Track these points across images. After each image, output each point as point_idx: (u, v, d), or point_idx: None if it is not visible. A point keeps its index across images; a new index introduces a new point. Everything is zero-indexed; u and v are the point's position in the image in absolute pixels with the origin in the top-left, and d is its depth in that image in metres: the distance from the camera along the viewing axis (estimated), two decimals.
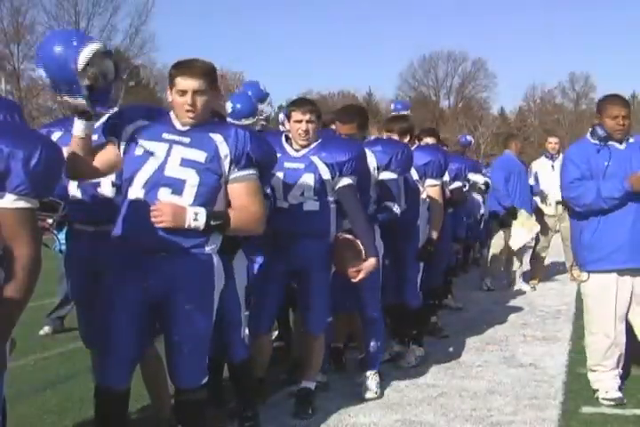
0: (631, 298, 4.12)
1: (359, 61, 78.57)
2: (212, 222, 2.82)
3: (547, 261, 9.16)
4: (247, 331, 3.83)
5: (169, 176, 2.85)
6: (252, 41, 73.29)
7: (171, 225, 2.77)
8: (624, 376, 4.31)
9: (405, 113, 8.33)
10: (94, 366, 3.10)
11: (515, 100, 70.93)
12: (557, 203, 8.31)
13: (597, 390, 4.18)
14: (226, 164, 2.88)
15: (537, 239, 8.53)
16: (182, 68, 2.89)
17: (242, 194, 2.92)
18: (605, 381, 4.17)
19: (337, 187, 3.86)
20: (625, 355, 4.20)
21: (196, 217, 2.79)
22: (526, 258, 8.71)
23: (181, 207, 2.80)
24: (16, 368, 4.73)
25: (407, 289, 5.02)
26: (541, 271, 9.00)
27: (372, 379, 4.32)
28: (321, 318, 3.97)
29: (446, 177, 5.88)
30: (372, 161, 4.28)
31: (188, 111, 2.88)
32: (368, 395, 4.26)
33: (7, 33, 35.89)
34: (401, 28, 76.79)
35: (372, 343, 4.41)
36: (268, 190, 3.71)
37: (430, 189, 5.21)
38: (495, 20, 77.02)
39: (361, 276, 3.83)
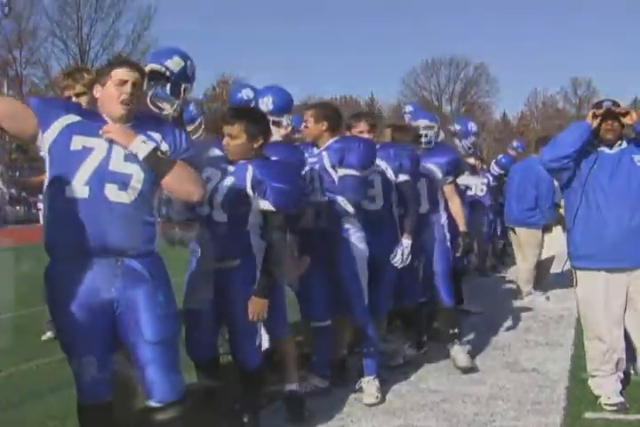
0: (626, 303, 4.12)
1: (361, 66, 78.72)
2: (160, 154, 2.78)
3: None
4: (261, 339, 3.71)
5: (114, 171, 2.75)
6: (254, 46, 73.43)
7: (114, 137, 2.75)
8: (626, 381, 4.30)
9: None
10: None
11: (517, 106, 71.18)
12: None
13: (600, 396, 4.18)
14: None
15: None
16: (123, 61, 3.00)
17: (182, 163, 2.88)
18: (606, 386, 4.16)
19: None
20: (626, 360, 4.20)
21: (145, 141, 2.78)
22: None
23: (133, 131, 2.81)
24: (18, 373, 4.73)
25: (440, 287, 5.15)
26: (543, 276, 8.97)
27: (370, 384, 4.32)
28: (280, 319, 3.92)
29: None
30: (327, 161, 4.25)
31: (123, 103, 2.81)
32: (368, 400, 4.25)
33: (10, 38, 36.04)
34: (403, 34, 77.01)
35: (364, 349, 4.38)
36: None
37: (446, 186, 5.35)
38: (497, 26, 77.20)
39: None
